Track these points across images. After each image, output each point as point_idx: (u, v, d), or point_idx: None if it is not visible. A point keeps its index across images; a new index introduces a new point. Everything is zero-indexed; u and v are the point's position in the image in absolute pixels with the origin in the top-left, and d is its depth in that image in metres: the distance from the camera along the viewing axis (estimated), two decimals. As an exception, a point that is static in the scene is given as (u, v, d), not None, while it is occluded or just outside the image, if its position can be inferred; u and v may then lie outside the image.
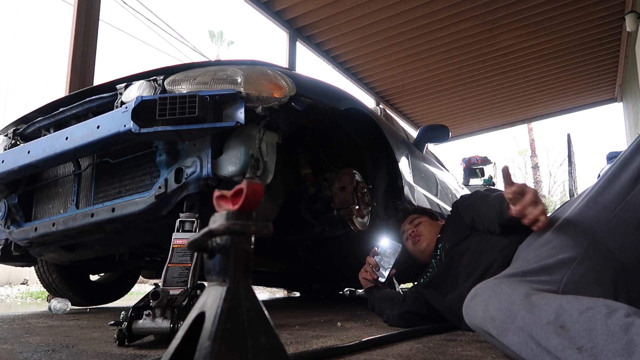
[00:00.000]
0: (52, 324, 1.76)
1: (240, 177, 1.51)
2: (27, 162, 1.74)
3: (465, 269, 1.42)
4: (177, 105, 1.40)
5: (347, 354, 1.04)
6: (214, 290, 0.47)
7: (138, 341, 1.23)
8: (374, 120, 2.28)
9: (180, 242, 1.42)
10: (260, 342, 0.44)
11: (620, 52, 6.58)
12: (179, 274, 1.36)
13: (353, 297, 4.31)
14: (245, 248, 0.47)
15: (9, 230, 2.01)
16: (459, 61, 6.55)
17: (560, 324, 0.80)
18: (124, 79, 1.72)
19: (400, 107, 8.20)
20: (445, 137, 3.24)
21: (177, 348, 0.47)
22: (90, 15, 3.31)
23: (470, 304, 1.03)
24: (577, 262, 1.03)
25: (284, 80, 1.64)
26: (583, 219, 1.07)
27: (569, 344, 0.77)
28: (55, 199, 1.97)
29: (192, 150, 1.56)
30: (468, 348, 1.12)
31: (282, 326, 1.59)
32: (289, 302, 3.58)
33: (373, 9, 5.35)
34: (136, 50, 13.31)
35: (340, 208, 2.07)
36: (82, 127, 1.62)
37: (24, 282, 8.74)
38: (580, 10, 5.49)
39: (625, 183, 1.02)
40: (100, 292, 2.87)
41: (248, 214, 0.46)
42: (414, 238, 1.82)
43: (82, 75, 3.19)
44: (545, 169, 22.11)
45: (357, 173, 2.19)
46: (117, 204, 1.64)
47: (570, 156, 5.87)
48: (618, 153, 2.95)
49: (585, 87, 7.71)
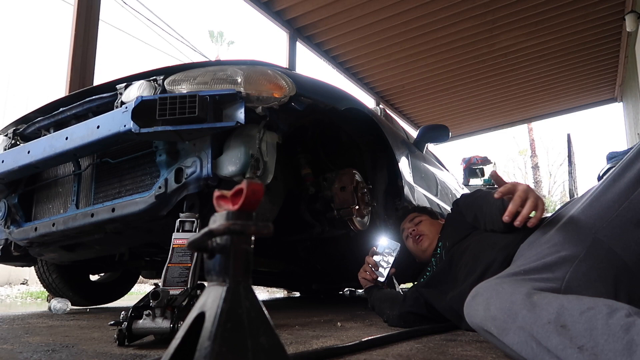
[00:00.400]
0: (52, 324, 1.76)
1: (240, 177, 1.51)
2: (27, 162, 1.74)
3: (466, 267, 1.42)
4: (177, 105, 1.40)
5: (347, 354, 1.04)
6: (214, 290, 0.47)
7: (138, 341, 1.23)
8: (374, 120, 2.28)
9: (180, 242, 1.42)
10: (260, 342, 0.44)
11: (620, 52, 6.58)
12: (179, 274, 1.36)
13: (353, 297, 4.30)
14: (245, 248, 0.47)
15: (9, 230, 2.01)
16: (459, 61, 6.55)
17: (561, 324, 0.80)
18: (124, 79, 1.72)
19: (400, 107, 8.20)
20: (445, 137, 3.24)
21: (177, 348, 0.47)
22: (90, 15, 3.31)
23: (472, 303, 1.03)
24: (579, 259, 1.03)
25: (284, 80, 1.64)
26: (586, 217, 1.07)
27: (570, 343, 0.77)
28: (55, 199, 1.97)
29: (192, 150, 1.56)
30: (468, 348, 1.12)
31: (282, 326, 1.59)
32: (289, 302, 3.57)
33: (373, 9, 5.35)
34: (136, 50, 13.31)
35: (340, 208, 2.07)
36: (82, 127, 1.63)
37: (24, 282, 8.74)
38: (580, 10, 5.49)
39: (629, 182, 1.02)
40: (100, 292, 2.87)
41: (248, 214, 0.46)
42: (415, 237, 1.80)
43: (82, 75, 3.19)
44: (545, 169, 22.12)
45: (357, 173, 2.19)
46: (117, 204, 1.64)
47: (570, 156, 5.87)
48: (618, 153, 2.95)
49: (585, 87, 7.71)
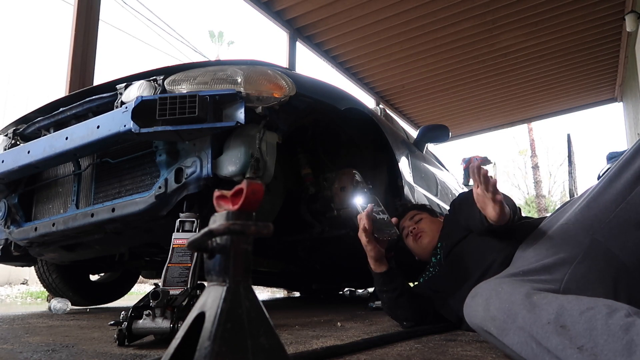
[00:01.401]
0: (52, 324, 1.76)
1: (240, 177, 1.51)
2: (27, 162, 1.74)
3: (466, 270, 1.42)
4: (177, 105, 1.40)
5: (347, 354, 1.04)
6: (214, 290, 0.47)
7: (138, 341, 1.23)
8: (374, 120, 2.28)
9: (180, 242, 1.42)
10: (260, 342, 0.44)
11: (620, 52, 6.58)
12: (179, 274, 1.36)
13: (353, 297, 4.30)
14: (245, 248, 0.47)
15: (9, 230, 2.01)
16: (459, 61, 6.54)
17: (560, 324, 0.80)
18: (124, 79, 1.72)
19: (400, 107, 8.20)
20: (445, 137, 3.24)
21: (177, 348, 0.47)
22: (90, 15, 3.31)
23: (471, 303, 1.03)
24: (578, 261, 1.03)
25: (284, 80, 1.64)
26: (584, 218, 1.07)
27: (570, 343, 0.77)
28: (55, 199, 1.97)
29: (192, 150, 1.56)
30: (468, 348, 1.12)
31: (282, 326, 1.59)
32: (289, 302, 3.57)
33: (373, 9, 5.35)
34: (136, 50, 13.31)
35: (340, 208, 2.07)
36: (82, 127, 1.63)
37: (24, 282, 8.74)
38: (580, 10, 5.49)
39: (627, 183, 1.02)
40: (100, 292, 2.87)
41: (248, 214, 0.46)
42: (416, 235, 1.77)
43: (82, 75, 3.19)
44: (545, 169, 22.16)
45: (357, 173, 2.19)
46: (117, 204, 1.64)
47: (570, 156, 5.86)
48: (618, 153, 2.95)
49: (585, 87, 7.71)
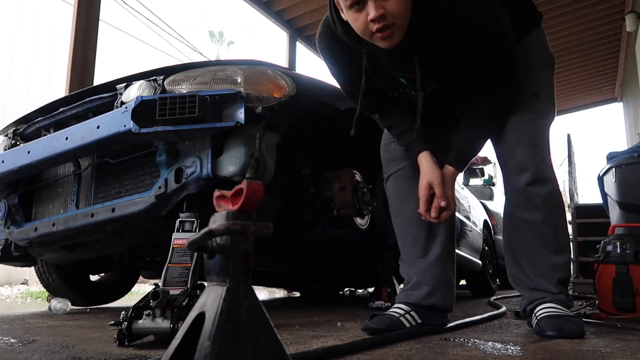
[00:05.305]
0: (52, 324, 1.76)
1: (240, 177, 1.51)
2: (27, 162, 1.74)
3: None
4: (177, 105, 1.40)
5: (347, 354, 1.03)
6: (214, 290, 0.47)
7: (138, 341, 1.23)
8: (374, 120, 2.27)
9: (180, 242, 1.42)
10: (260, 342, 0.44)
11: (620, 52, 6.58)
12: (179, 274, 1.36)
13: (353, 297, 4.30)
14: (245, 248, 0.47)
15: (9, 231, 2.01)
16: (459, 61, 6.53)
17: None
18: (124, 79, 1.72)
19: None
20: (445, 137, 3.23)
21: (177, 348, 0.47)
22: (90, 15, 3.31)
23: None
24: None
25: (284, 80, 1.64)
26: None
27: None
28: (55, 199, 1.97)
29: (192, 150, 1.56)
30: (468, 348, 1.12)
31: (282, 326, 1.59)
32: (289, 302, 3.57)
33: (373, 9, 5.35)
34: (136, 50, 13.30)
35: (340, 208, 2.06)
36: (82, 127, 1.63)
37: (24, 282, 8.74)
38: (580, 11, 5.49)
39: None
40: (100, 292, 2.86)
41: (248, 214, 0.46)
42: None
43: (82, 75, 3.19)
44: (546, 169, 22.02)
45: (357, 173, 2.18)
46: (117, 204, 1.64)
47: (570, 156, 5.85)
48: (618, 153, 2.94)
49: (585, 87, 7.71)
